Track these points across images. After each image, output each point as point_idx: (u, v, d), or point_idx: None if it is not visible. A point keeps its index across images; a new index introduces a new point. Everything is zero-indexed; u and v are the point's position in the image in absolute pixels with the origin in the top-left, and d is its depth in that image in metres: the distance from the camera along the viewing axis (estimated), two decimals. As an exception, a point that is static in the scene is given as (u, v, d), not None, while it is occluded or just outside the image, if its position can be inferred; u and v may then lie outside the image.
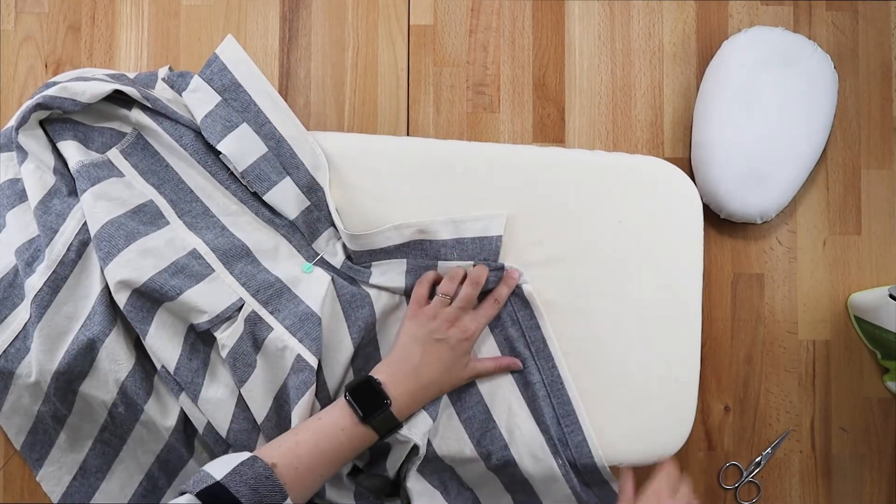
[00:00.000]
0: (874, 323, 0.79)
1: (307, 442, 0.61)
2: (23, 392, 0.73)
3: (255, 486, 0.56)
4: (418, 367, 0.66)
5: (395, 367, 0.67)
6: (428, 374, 0.67)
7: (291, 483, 0.58)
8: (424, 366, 0.66)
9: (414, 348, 0.67)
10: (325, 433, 0.62)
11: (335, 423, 0.63)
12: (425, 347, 0.67)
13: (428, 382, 0.67)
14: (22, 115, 0.72)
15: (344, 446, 0.63)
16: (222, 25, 0.84)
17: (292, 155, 0.74)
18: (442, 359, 0.67)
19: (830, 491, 0.82)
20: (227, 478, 0.55)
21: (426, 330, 0.67)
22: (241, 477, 0.56)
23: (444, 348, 0.67)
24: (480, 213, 0.75)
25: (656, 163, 0.78)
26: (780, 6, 0.84)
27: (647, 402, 0.73)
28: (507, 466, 0.71)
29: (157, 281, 0.68)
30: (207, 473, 0.56)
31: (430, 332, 0.67)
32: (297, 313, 0.70)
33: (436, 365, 0.67)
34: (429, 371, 0.67)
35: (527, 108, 0.83)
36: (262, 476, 0.57)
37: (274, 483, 0.57)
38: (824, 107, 0.78)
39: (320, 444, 0.62)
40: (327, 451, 0.62)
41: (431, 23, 0.84)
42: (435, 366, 0.67)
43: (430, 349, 0.67)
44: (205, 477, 0.56)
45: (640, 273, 0.75)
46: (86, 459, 0.76)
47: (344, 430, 0.63)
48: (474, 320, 0.69)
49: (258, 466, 0.57)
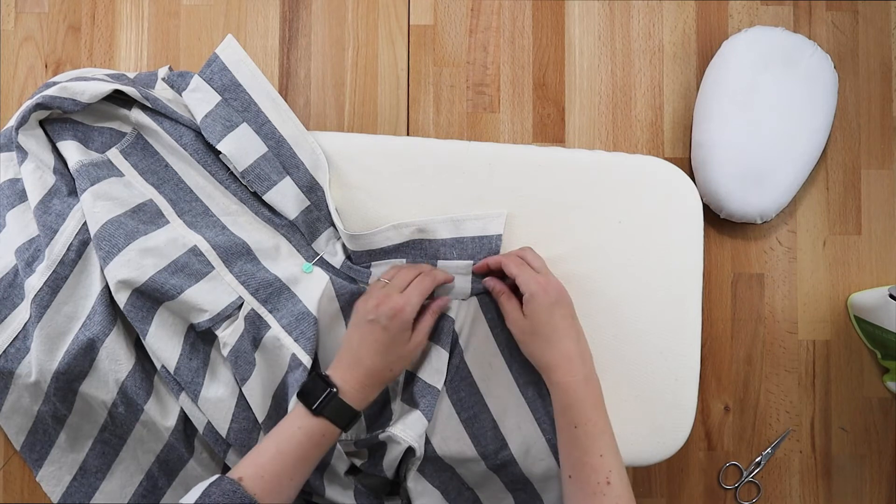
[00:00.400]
0: (874, 323, 0.79)
1: (269, 449, 0.62)
2: (23, 392, 0.73)
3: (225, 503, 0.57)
4: (358, 353, 0.66)
5: (339, 358, 0.67)
6: (368, 358, 0.66)
7: (261, 493, 0.59)
8: (363, 350, 0.66)
9: (352, 334, 0.67)
10: (284, 436, 0.63)
11: (291, 423, 0.63)
12: (360, 331, 0.66)
13: (371, 366, 0.66)
14: (22, 115, 0.72)
15: (304, 445, 0.63)
16: (222, 25, 0.84)
17: (292, 155, 0.74)
18: (378, 340, 0.66)
19: (830, 491, 0.82)
20: (198, 501, 0.56)
21: (360, 314, 0.67)
22: (211, 498, 0.56)
23: (377, 329, 0.66)
24: (480, 212, 0.75)
25: (656, 163, 0.78)
26: (780, 6, 0.84)
27: (647, 401, 0.73)
28: (508, 466, 0.71)
29: (157, 280, 0.68)
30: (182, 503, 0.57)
31: (363, 315, 0.66)
32: (294, 312, 0.70)
33: (373, 347, 0.66)
34: (368, 355, 0.66)
35: (527, 108, 0.83)
36: (230, 492, 0.57)
37: (243, 496, 0.57)
38: (824, 107, 0.78)
39: (281, 447, 0.62)
40: (290, 452, 0.62)
41: (431, 23, 0.84)
42: (373, 348, 0.66)
43: (365, 332, 0.66)
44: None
45: (639, 273, 0.75)
46: (86, 459, 0.76)
47: (301, 427, 0.63)
48: (403, 297, 0.67)
49: (225, 484, 0.58)
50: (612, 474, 0.62)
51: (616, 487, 0.61)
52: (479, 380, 0.73)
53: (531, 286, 0.67)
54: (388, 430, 0.69)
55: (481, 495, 0.74)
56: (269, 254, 0.73)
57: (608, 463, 0.62)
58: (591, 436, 0.64)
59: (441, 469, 0.73)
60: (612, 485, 0.61)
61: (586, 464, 0.63)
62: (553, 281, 0.69)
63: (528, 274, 0.68)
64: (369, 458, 0.71)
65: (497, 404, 0.72)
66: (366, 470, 0.71)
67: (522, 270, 0.69)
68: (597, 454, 0.63)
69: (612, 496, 0.61)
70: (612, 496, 0.61)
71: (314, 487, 0.70)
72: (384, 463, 0.69)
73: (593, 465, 0.63)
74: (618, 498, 0.61)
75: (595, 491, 0.61)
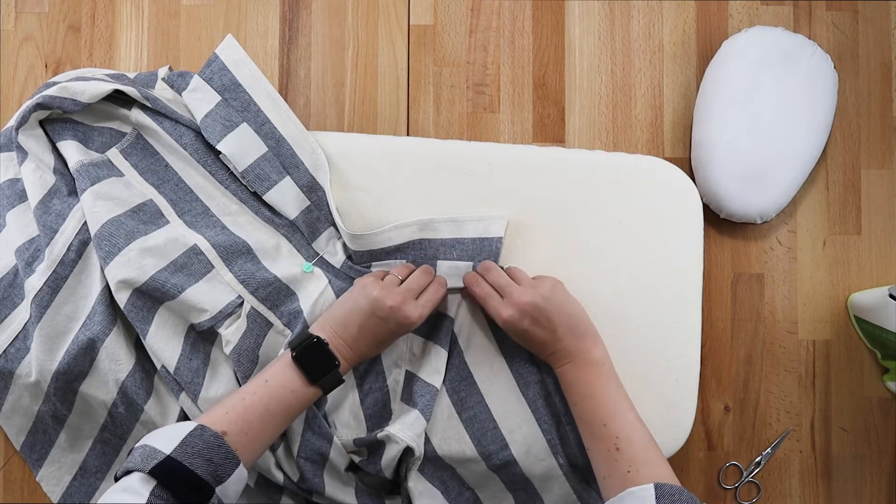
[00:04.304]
0: (874, 323, 0.79)
1: (256, 406, 0.61)
2: (23, 392, 0.73)
3: (207, 455, 0.55)
4: (356, 338, 0.67)
5: (337, 331, 0.67)
6: (363, 344, 0.67)
7: (241, 447, 0.59)
8: (361, 338, 0.67)
9: (354, 318, 0.67)
10: (274, 396, 0.62)
11: (284, 385, 0.63)
12: (365, 321, 0.66)
13: (362, 349, 0.67)
14: (22, 115, 0.72)
15: (293, 407, 0.64)
16: (222, 25, 0.84)
17: (292, 154, 0.74)
18: (377, 336, 0.67)
19: (830, 491, 0.82)
20: (177, 451, 0.55)
21: (373, 305, 0.66)
22: (193, 448, 0.55)
23: (381, 327, 0.67)
24: (482, 213, 0.75)
25: (656, 163, 0.78)
26: (780, 6, 0.84)
27: (646, 401, 0.73)
28: (508, 466, 0.71)
29: (158, 279, 0.68)
30: (153, 448, 0.55)
31: (375, 308, 0.66)
32: (292, 311, 0.71)
33: (370, 339, 0.67)
34: (365, 342, 0.67)
35: (527, 108, 0.83)
36: (214, 445, 0.56)
37: (227, 450, 0.57)
38: (824, 107, 0.78)
39: (270, 407, 0.62)
40: (277, 413, 0.62)
41: (431, 23, 0.84)
42: (369, 340, 0.67)
43: (369, 324, 0.66)
44: (152, 452, 0.54)
45: (639, 273, 0.75)
46: (86, 459, 0.76)
47: (294, 391, 0.63)
48: (416, 309, 0.67)
49: (208, 435, 0.57)
50: (619, 440, 0.62)
51: (626, 452, 0.62)
52: (479, 380, 0.73)
53: (499, 320, 0.68)
54: (386, 429, 0.69)
55: (481, 495, 0.74)
56: (270, 253, 0.73)
57: (612, 430, 0.63)
58: (591, 409, 0.65)
59: (441, 469, 0.73)
60: (622, 450, 0.62)
61: (594, 436, 0.64)
62: (517, 302, 0.67)
63: (492, 308, 0.68)
64: (368, 457, 0.71)
65: (497, 404, 0.72)
66: (365, 469, 0.71)
67: (487, 304, 0.69)
68: (600, 424, 0.64)
69: (623, 461, 0.61)
70: (623, 461, 0.61)
71: (314, 486, 0.70)
72: (383, 462, 0.69)
73: (600, 435, 0.64)
74: (631, 460, 0.61)
75: (608, 459, 0.62)
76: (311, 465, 0.70)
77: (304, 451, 0.69)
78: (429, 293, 0.69)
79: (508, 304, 0.67)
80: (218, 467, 0.56)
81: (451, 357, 0.73)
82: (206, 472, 0.55)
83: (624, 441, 0.62)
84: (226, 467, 0.56)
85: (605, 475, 0.63)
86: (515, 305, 0.67)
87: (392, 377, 0.73)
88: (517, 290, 0.68)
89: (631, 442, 0.62)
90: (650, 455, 0.61)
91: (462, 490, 0.74)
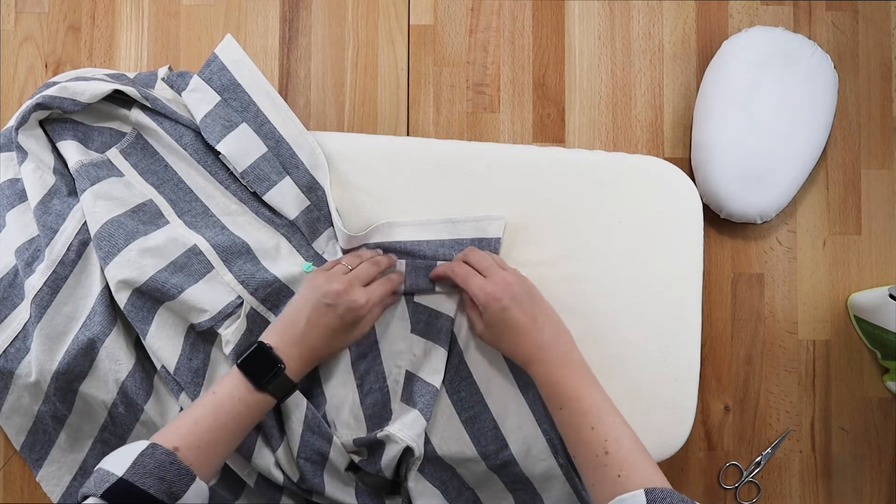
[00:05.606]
0: (874, 323, 0.79)
1: (206, 418, 0.61)
2: (23, 392, 0.73)
3: (160, 474, 0.55)
4: (304, 332, 0.66)
5: (283, 331, 0.66)
6: (314, 339, 0.66)
7: (196, 462, 0.58)
8: (310, 331, 0.66)
9: (302, 311, 0.66)
10: (222, 407, 0.62)
11: (231, 394, 0.63)
12: (313, 312, 0.66)
13: (315, 346, 0.67)
14: (22, 115, 0.72)
15: (243, 416, 0.63)
16: (222, 25, 0.84)
17: (292, 154, 0.74)
18: (329, 325, 0.66)
19: (830, 491, 0.82)
20: (129, 472, 0.54)
21: (318, 293, 0.66)
22: (144, 468, 0.55)
23: (331, 315, 0.66)
24: (479, 214, 0.75)
25: (656, 163, 0.78)
26: (780, 6, 0.84)
27: (646, 401, 0.73)
28: (508, 466, 0.71)
29: (157, 279, 0.68)
30: (106, 471, 0.54)
31: (321, 296, 0.66)
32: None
33: (321, 331, 0.66)
34: (315, 336, 0.66)
35: (527, 108, 0.83)
36: (166, 462, 0.56)
37: (179, 467, 0.56)
38: (824, 107, 0.78)
39: (219, 418, 0.61)
40: (228, 423, 0.62)
41: (431, 23, 0.84)
42: (320, 331, 0.66)
43: (318, 314, 0.66)
44: (105, 475, 0.54)
45: (639, 273, 0.75)
46: (86, 459, 0.76)
47: (241, 399, 0.63)
48: (364, 294, 0.67)
49: (159, 453, 0.56)
50: (607, 443, 0.60)
51: (615, 455, 0.60)
52: (479, 380, 0.73)
53: (479, 298, 0.67)
54: (386, 429, 0.69)
55: (481, 495, 0.74)
56: (269, 253, 0.73)
57: (600, 434, 0.61)
58: (577, 413, 0.63)
59: (441, 469, 0.73)
60: (611, 454, 0.60)
61: (581, 441, 0.62)
62: (501, 280, 0.67)
63: (474, 284, 0.67)
64: (368, 457, 0.71)
65: (497, 404, 0.72)
66: (365, 469, 0.71)
67: (469, 281, 0.68)
68: (587, 428, 0.62)
69: (613, 465, 0.59)
70: (613, 465, 0.59)
71: (314, 486, 0.70)
72: (383, 462, 0.69)
73: (586, 440, 0.62)
74: (620, 464, 0.59)
75: (596, 464, 0.60)
76: (311, 465, 0.70)
77: (304, 451, 0.69)
78: (379, 284, 0.69)
79: (491, 280, 0.67)
80: (172, 484, 0.55)
81: (451, 357, 0.73)
82: (159, 490, 0.54)
83: (613, 444, 0.60)
84: (180, 484, 0.56)
85: (594, 482, 0.61)
86: (500, 282, 0.66)
87: (392, 377, 0.73)
88: (500, 271, 0.67)
89: (620, 444, 0.60)
90: (639, 457, 0.60)
91: (462, 490, 0.74)
